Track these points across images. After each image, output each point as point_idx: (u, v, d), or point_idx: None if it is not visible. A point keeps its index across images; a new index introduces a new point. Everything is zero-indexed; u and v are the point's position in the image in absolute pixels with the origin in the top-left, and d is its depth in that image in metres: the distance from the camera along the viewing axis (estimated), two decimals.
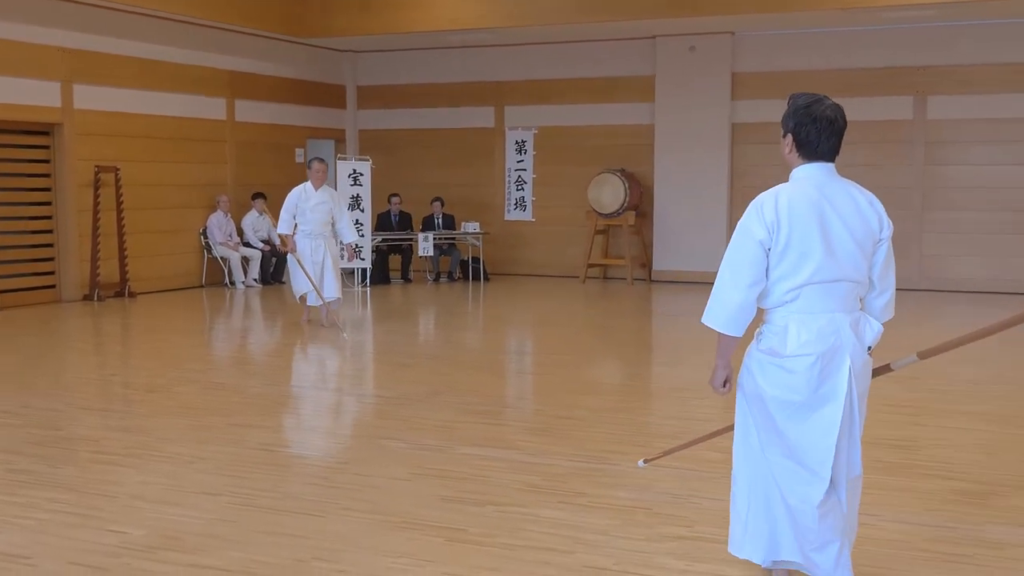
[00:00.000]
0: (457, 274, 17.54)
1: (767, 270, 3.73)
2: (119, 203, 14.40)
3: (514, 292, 15.89)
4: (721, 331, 3.82)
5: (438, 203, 17.26)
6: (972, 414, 7.48)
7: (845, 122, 3.81)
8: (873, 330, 3.83)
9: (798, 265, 3.68)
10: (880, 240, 3.81)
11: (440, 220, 17.22)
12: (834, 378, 3.71)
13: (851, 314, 3.76)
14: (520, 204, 18.08)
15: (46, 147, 13.99)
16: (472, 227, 17.18)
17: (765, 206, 3.73)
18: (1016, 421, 7.36)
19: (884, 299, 3.90)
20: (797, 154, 3.84)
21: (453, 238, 17.40)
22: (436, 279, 17.43)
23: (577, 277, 17.09)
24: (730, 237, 3.87)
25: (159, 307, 13.76)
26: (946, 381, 8.46)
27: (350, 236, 11.98)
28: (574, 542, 4.74)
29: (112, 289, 14.43)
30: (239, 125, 16.66)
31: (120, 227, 14.44)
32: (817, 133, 3.76)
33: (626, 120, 17.16)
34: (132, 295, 14.53)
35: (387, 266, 17.15)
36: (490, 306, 14.66)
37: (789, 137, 3.85)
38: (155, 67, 15.11)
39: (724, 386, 3.95)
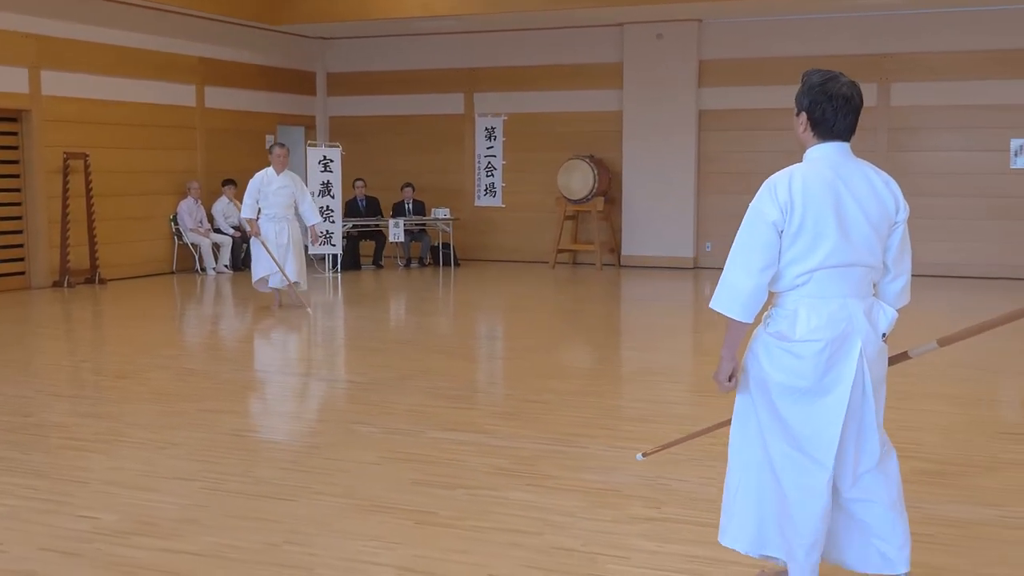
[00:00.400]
0: (428, 260, 17.51)
1: (780, 253, 3.54)
2: (88, 190, 14.29)
3: (484, 277, 15.88)
4: (731, 317, 3.59)
5: (409, 189, 17.22)
6: (943, 396, 7.54)
7: (862, 99, 3.64)
8: (887, 316, 3.65)
9: (811, 248, 3.50)
10: (896, 223, 3.65)
11: (410, 206, 17.18)
12: (841, 365, 3.54)
13: (864, 300, 3.59)
14: (490, 190, 18.07)
15: (14, 133, 13.85)
16: (442, 213, 17.15)
17: (779, 186, 3.54)
18: (983, 404, 7.43)
19: (899, 284, 3.73)
20: (812, 133, 3.66)
21: (423, 224, 17.37)
22: (407, 265, 17.40)
23: (547, 262, 17.10)
24: (697, 222, 3.81)
25: (129, 293, 13.67)
26: (924, 365, 8.50)
27: (313, 218, 12.24)
28: (543, 524, 4.75)
29: (82, 276, 14.32)
30: (209, 112, 16.55)
31: (90, 214, 14.32)
32: (833, 111, 3.58)
33: (595, 107, 17.16)
34: (102, 282, 14.43)
35: (358, 252, 17.10)
36: (460, 291, 14.66)
37: (803, 116, 3.65)
38: (124, 53, 14.99)
39: (730, 380, 3.71)
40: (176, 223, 15.82)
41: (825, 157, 3.62)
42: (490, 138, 17.94)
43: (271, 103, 17.85)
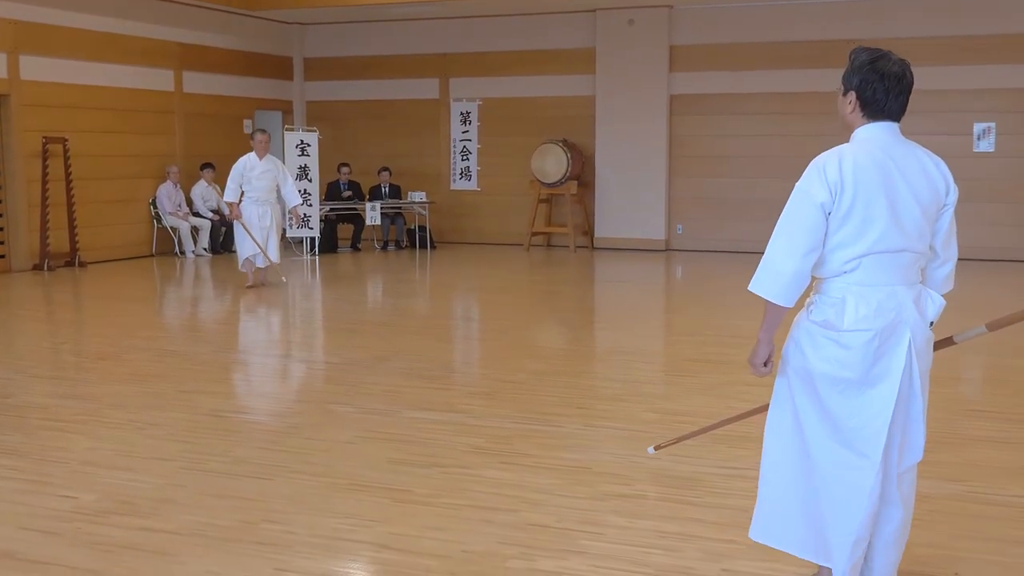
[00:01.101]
0: (404, 242, 17.46)
1: (825, 236, 3.32)
2: (68, 173, 14.16)
3: (460, 259, 15.85)
4: (771, 300, 3.35)
5: (385, 173, 17.15)
6: None
7: (913, 78, 3.43)
8: (935, 304, 3.44)
9: (861, 232, 3.27)
10: (945, 205, 3.45)
11: (387, 190, 17.11)
12: (890, 355, 3.32)
13: (912, 288, 3.38)
14: (465, 174, 18.02)
15: None
16: (418, 196, 17.09)
17: (828, 166, 3.29)
18: (945, 382, 7.47)
19: (946, 269, 3.53)
20: (860, 113, 3.41)
21: (400, 207, 17.31)
22: (384, 247, 17.34)
23: (521, 245, 17.08)
24: (668, 205, 3.68)
25: (109, 276, 13.57)
26: None
27: (294, 200, 12.59)
28: (518, 501, 4.75)
29: (62, 259, 14.21)
30: (188, 96, 16.42)
31: (69, 197, 14.20)
32: (885, 91, 3.36)
33: (568, 92, 17.13)
34: (82, 264, 14.32)
35: (335, 235, 17.04)
36: (436, 273, 14.63)
37: (852, 95, 3.41)
38: (103, 39, 14.84)
39: (766, 365, 3.46)
40: (155, 207, 15.70)
41: (875, 138, 3.39)
42: (465, 122, 17.88)
43: (249, 88, 17.72)
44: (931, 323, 3.44)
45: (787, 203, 3.36)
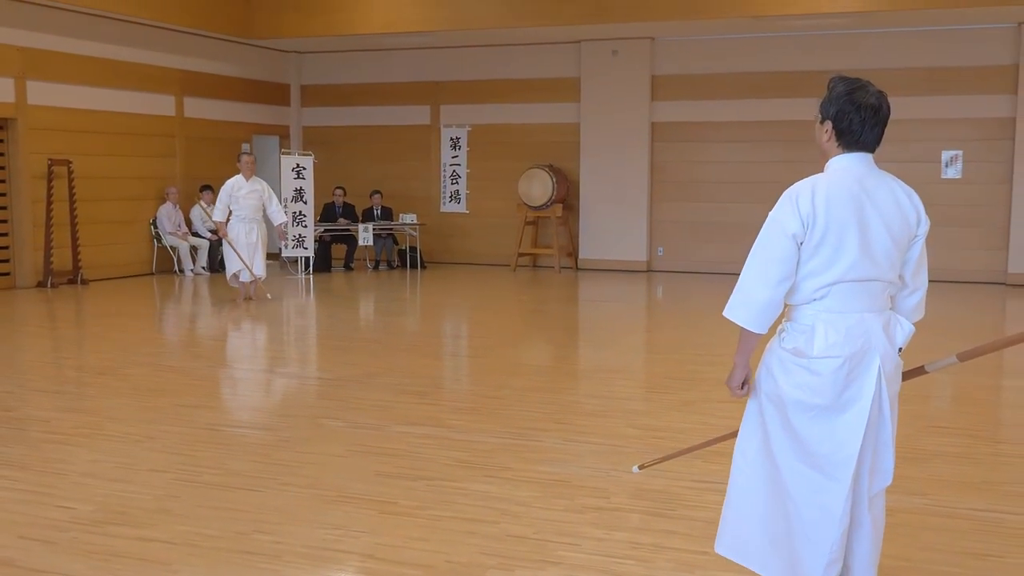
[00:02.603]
0: (395, 263, 17.48)
1: (798, 264, 3.28)
2: (71, 194, 14.16)
3: (449, 280, 15.87)
4: (744, 327, 3.33)
5: (377, 196, 17.19)
6: None
7: (889, 110, 3.37)
8: (904, 330, 3.39)
9: (831, 261, 3.23)
10: (916, 236, 3.38)
11: (379, 212, 17.15)
12: (860, 381, 3.27)
13: (882, 314, 3.33)
14: (455, 197, 18.06)
15: (1, 140, 13.71)
16: (409, 218, 17.14)
17: (801, 197, 3.25)
18: (910, 399, 7.49)
19: (916, 298, 3.47)
20: (836, 142, 3.35)
21: (392, 229, 17.34)
22: (376, 267, 17.35)
23: (508, 265, 17.11)
24: (650, 228, 3.61)
25: (111, 294, 13.56)
26: None
27: (279, 219, 12.94)
28: (499, 513, 4.76)
29: (65, 276, 14.18)
30: (188, 121, 16.44)
31: (73, 217, 14.19)
32: (861, 122, 3.30)
33: (553, 119, 17.19)
34: (84, 282, 14.29)
35: (329, 255, 17.06)
36: (426, 293, 14.64)
37: (828, 124, 3.35)
38: (107, 65, 14.86)
39: (742, 388, 3.44)
40: (156, 227, 15.70)
41: (849, 168, 3.34)
42: (455, 148, 17.92)
43: (247, 113, 17.75)
44: (900, 349, 3.40)
45: (760, 232, 3.33)
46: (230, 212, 12.45)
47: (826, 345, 3.25)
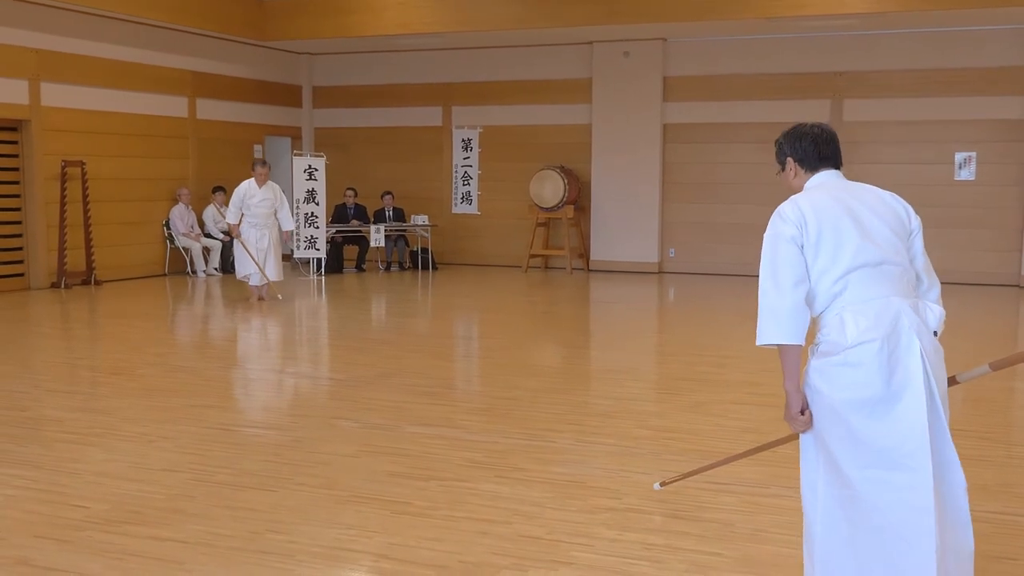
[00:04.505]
0: (407, 264, 17.51)
1: (807, 269, 3.27)
2: (85, 196, 14.21)
3: (460, 281, 15.87)
4: (780, 343, 3.25)
5: (389, 197, 17.21)
6: None
7: (834, 133, 3.56)
8: (935, 313, 3.33)
9: (836, 252, 3.25)
10: (912, 231, 3.42)
11: (391, 213, 17.17)
12: (905, 364, 3.16)
13: (908, 298, 3.26)
14: (466, 198, 18.07)
15: (15, 142, 13.76)
16: (421, 220, 17.16)
17: (785, 209, 3.34)
18: None
19: (935, 293, 3.44)
20: (802, 171, 3.53)
21: (403, 230, 17.36)
22: (387, 268, 17.37)
23: (520, 267, 17.11)
24: (661, 230, 3.60)
25: (124, 294, 13.60)
26: None
27: (288, 225, 13.06)
28: (512, 514, 4.76)
29: (79, 277, 14.23)
30: (201, 123, 16.48)
31: (86, 218, 14.24)
32: (813, 143, 3.49)
33: (565, 120, 17.19)
34: (98, 283, 14.35)
35: (341, 256, 17.09)
36: (438, 294, 14.64)
37: (790, 161, 3.55)
38: (120, 67, 14.91)
39: (803, 414, 3.31)
40: (168, 228, 15.74)
41: (824, 183, 3.49)
42: (466, 149, 17.94)
43: (259, 115, 17.79)
44: (935, 333, 3.31)
45: (762, 253, 3.35)
46: (242, 215, 12.59)
47: (858, 331, 3.18)
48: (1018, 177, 14.90)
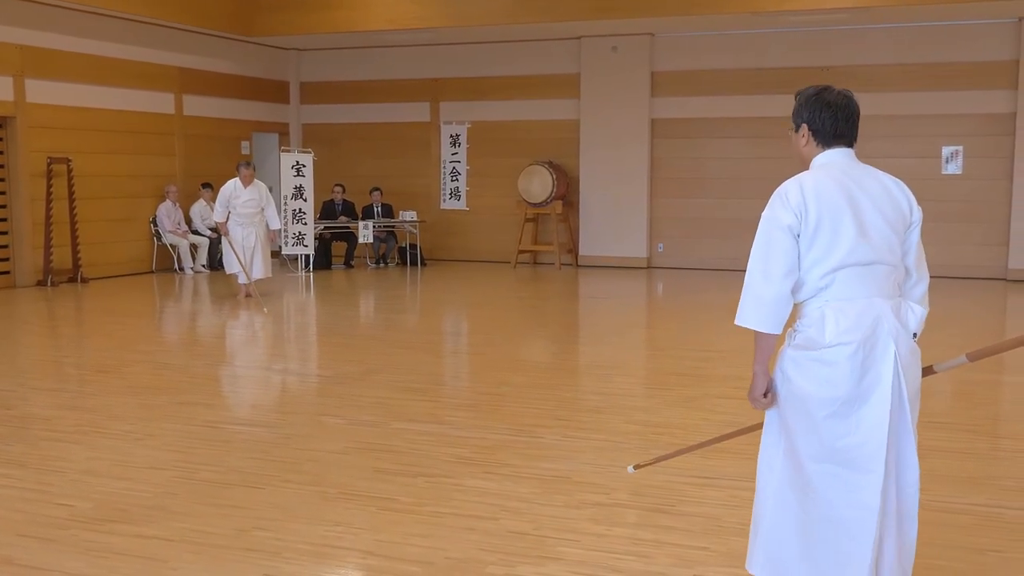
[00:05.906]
0: (395, 260, 17.49)
1: (799, 258, 3.24)
2: (71, 193, 14.16)
3: (449, 276, 15.86)
4: (758, 330, 3.26)
5: (377, 193, 17.18)
6: None
7: (858, 107, 3.41)
8: (916, 315, 3.31)
9: (830, 247, 3.20)
10: (911, 224, 3.37)
11: (379, 209, 17.14)
12: (877, 368, 3.19)
13: (891, 299, 3.26)
14: (455, 194, 18.05)
15: (0, 139, 13.73)
16: (409, 215, 17.14)
17: (790, 191, 3.25)
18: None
19: (921, 288, 3.43)
20: (815, 143, 3.40)
21: (392, 226, 17.33)
22: (376, 264, 17.35)
23: (509, 262, 17.11)
24: (650, 225, 3.56)
25: (110, 292, 13.55)
26: None
27: (275, 223, 13.12)
28: (499, 510, 4.76)
29: (65, 275, 14.19)
30: (188, 119, 16.43)
31: (72, 216, 14.19)
32: (834, 118, 3.35)
33: (553, 115, 17.18)
34: (84, 280, 14.30)
35: (329, 252, 17.07)
36: (426, 290, 14.63)
37: (804, 128, 3.42)
38: (106, 63, 14.85)
39: (766, 396, 3.34)
40: (155, 225, 15.70)
41: (833, 162, 3.37)
42: (455, 145, 17.92)
43: (247, 111, 17.74)
44: (915, 335, 3.32)
45: (756, 234, 3.31)
46: (229, 212, 12.61)
47: (838, 331, 3.19)
48: (1005, 171, 14.95)
